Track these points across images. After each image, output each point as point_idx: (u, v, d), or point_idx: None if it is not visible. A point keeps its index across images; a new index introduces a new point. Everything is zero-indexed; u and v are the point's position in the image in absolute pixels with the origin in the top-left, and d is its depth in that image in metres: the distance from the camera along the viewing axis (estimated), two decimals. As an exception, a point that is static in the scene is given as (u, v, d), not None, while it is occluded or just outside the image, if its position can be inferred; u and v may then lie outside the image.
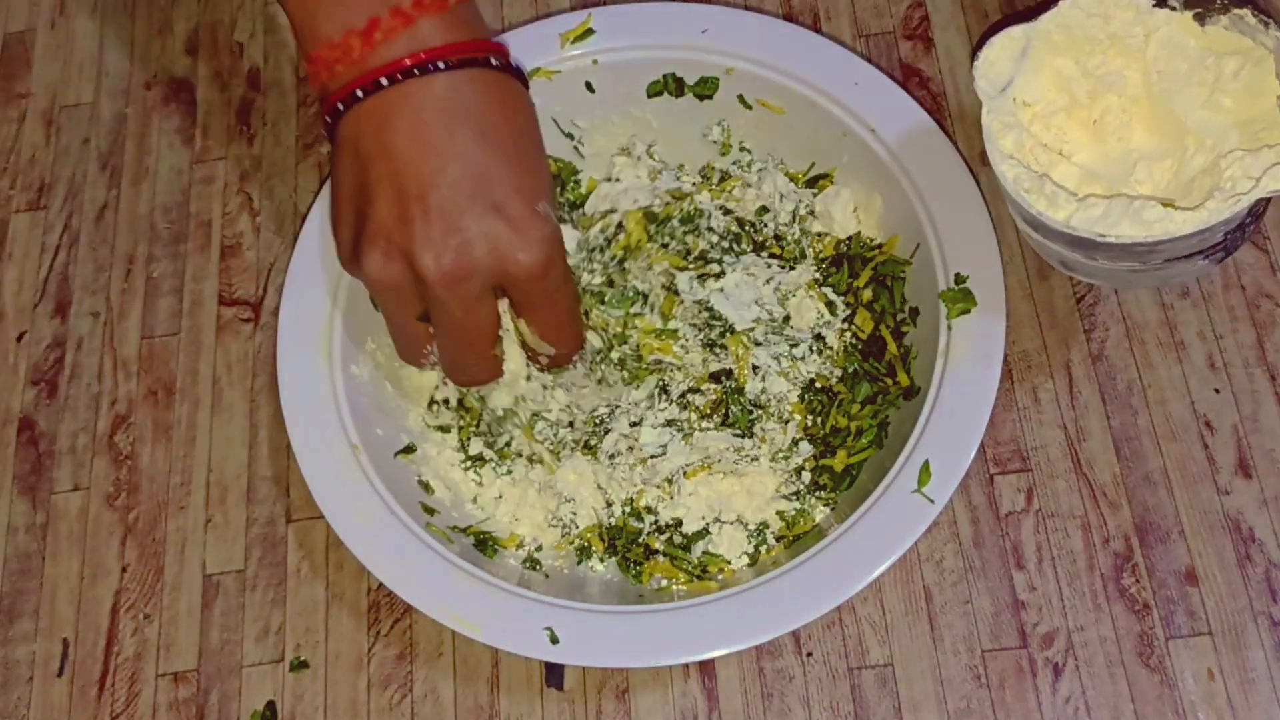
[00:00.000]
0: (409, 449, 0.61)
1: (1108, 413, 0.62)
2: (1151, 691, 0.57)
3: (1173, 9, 0.55)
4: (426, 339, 0.56)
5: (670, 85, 0.65)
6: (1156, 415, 0.62)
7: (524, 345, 0.56)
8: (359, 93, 0.51)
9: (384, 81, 0.51)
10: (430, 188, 0.51)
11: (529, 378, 0.58)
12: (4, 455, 0.66)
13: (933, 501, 0.54)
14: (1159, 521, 0.60)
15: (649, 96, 0.65)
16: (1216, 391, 0.62)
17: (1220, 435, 0.62)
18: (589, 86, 0.65)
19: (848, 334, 0.61)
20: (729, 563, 0.59)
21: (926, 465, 0.55)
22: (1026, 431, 0.62)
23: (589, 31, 0.64)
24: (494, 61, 0.52)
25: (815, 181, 0.65)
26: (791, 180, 0.65)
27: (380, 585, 0.61)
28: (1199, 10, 0.54)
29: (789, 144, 0.65)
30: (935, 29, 0.72)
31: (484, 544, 0.60)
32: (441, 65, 0.51)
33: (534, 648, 0.54)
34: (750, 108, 0.64)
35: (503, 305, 0.55)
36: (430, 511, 0.59)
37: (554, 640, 0.54)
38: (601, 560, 0.60)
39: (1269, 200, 0.51)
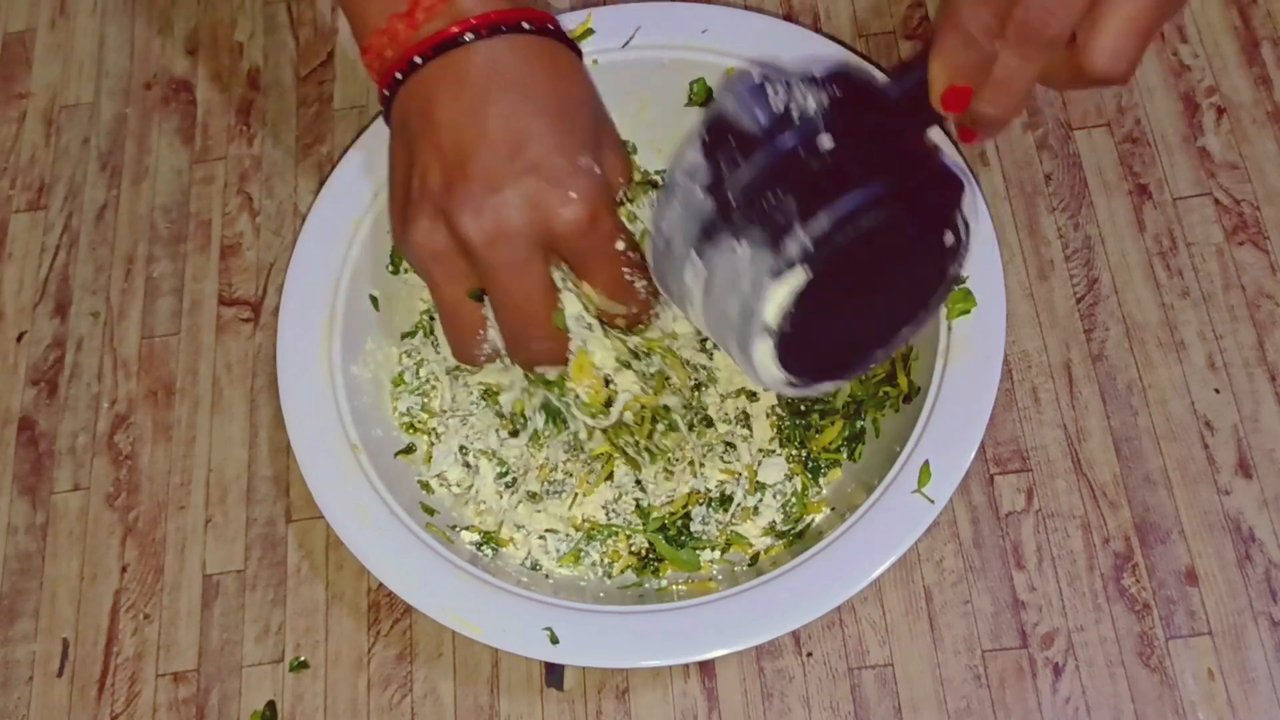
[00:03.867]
0: (409, 449, 0.61)
1: (1108, 413, 0.62)
2: (1151, 691, 0.57)
3: None
4: (479, 322, 0.55)
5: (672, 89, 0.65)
6: (1156, 415, 0.62)
7: (599, 311, 0.55)
8: (398, 75, 0.52)
9: (418, 60, 0.52)
10: (470, 152, 0.51)
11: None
12: (4, 455, 0.66)
13: (933, 501, 0.54)
14: (1159, 521, 0.60)
15: (653, 103, 0.65)
16: (1216, 391, 0.62)
17: (1220, 435, 0.62)
18: (589, 86, 0.65)
19: None
20: (751, 544, 0.59)
21: (926, 465, 0.55)
22: (1026, 431, 0.62)
23: (589, 31, 0.64)
24: (527, 26, 0.52)
25: None
26: None
27: (380, 585, 0.61)
28: None
29: (789, 144, 0.65)
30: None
31: (484, 543, 0.60)
32: (469, 36, 0.51)
33: (534, 648, 0.54)
34: (750, 108, 0.64)
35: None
36: (430, 511, 0.59)
37: (554, 640, 0.54)
38: (619, 571, 0.60)
39: None
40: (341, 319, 0.61)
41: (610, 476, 0.60)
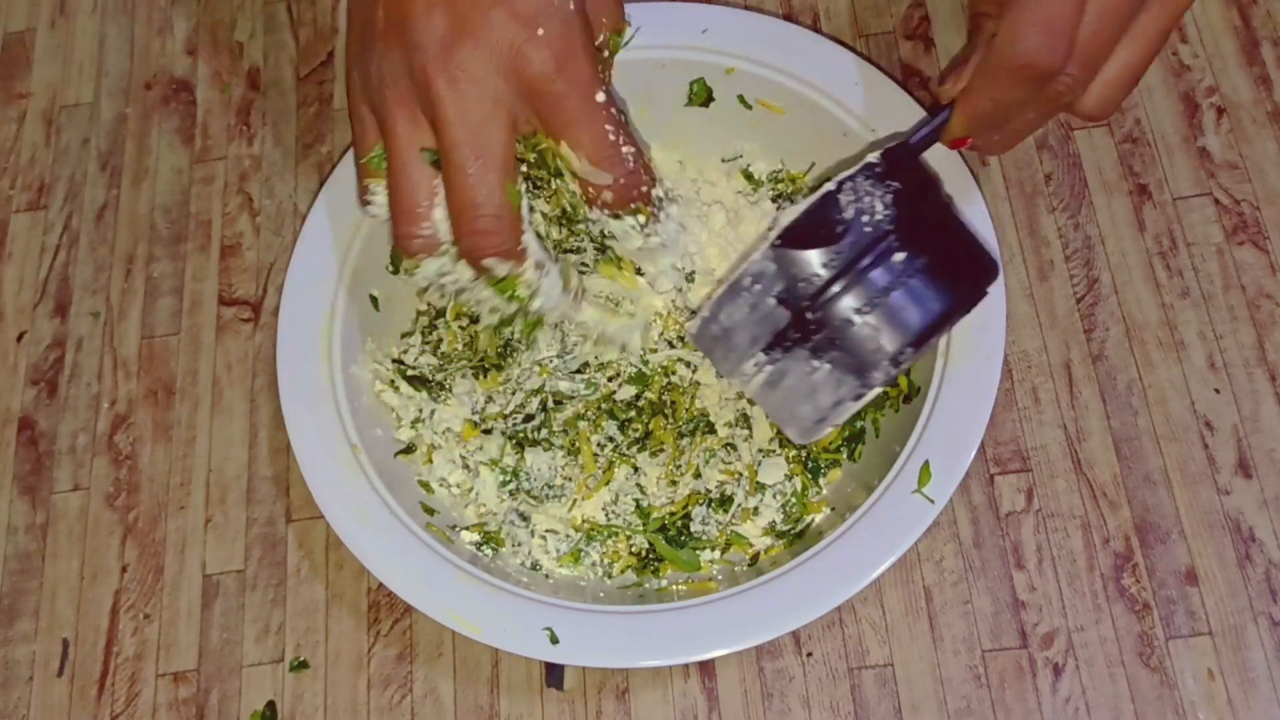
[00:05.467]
0: (409, 449, 0.61)
1: (1108, 413, 0.62)
2: (1151, 691, 0.57)
3: None
4: (428, 191, 0.49)
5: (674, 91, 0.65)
6: (1156, 415, 0.62)
7: (580, 183, 0.49)
8: None
9: None
10: None
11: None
12: (4, 455, 0.66)
13: (933, 501, 0.54)
14: (1159, 521, 0.60)
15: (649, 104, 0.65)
16: (1216, 391, 0.62)
17: (1220, 435, 0.62)
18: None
19: None
20: (751, 544, 0.59)
21: (926, 465, 0.55)
22: (1026, 431, 0.62)
23: (589, 31, 0.64)
24: None
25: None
26: (792, 181, 0.65)
27: (380, 585, 0.61)
28: None
29: (789, 144, 0.65)
30: (935, 29, 0.72)
31: (484, 543, 0.60)
32: None
33: (534, 648, 0.54)
34: (750, 108, 0.64)
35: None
36: (430, 511, 0.59)
37: (554, 640, 0.54)
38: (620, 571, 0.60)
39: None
40: (341, 319, 0.61)
41: (609, 481, 0.60)
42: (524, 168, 0.51)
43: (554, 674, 0.59)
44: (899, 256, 0.48)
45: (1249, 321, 0.64)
